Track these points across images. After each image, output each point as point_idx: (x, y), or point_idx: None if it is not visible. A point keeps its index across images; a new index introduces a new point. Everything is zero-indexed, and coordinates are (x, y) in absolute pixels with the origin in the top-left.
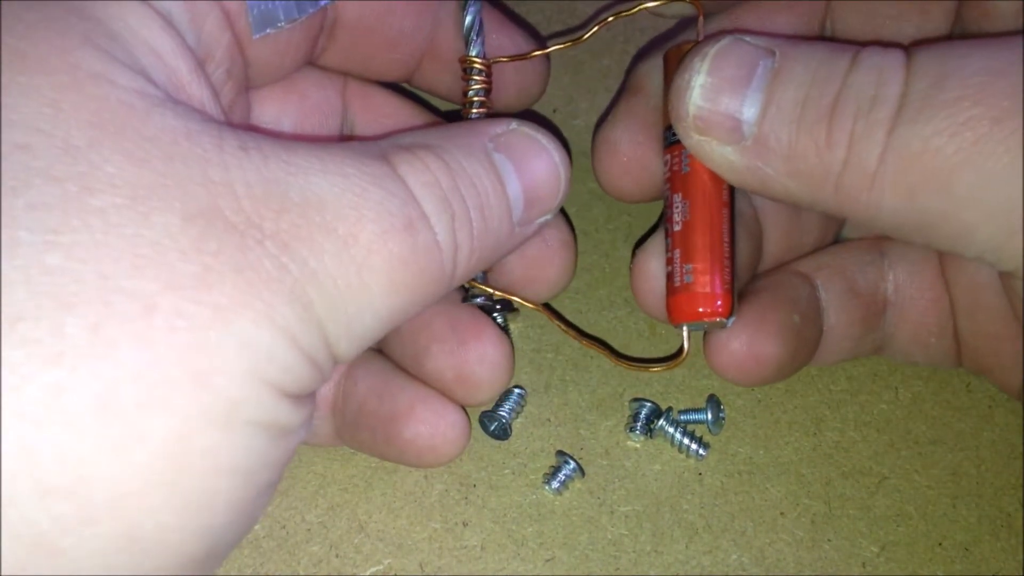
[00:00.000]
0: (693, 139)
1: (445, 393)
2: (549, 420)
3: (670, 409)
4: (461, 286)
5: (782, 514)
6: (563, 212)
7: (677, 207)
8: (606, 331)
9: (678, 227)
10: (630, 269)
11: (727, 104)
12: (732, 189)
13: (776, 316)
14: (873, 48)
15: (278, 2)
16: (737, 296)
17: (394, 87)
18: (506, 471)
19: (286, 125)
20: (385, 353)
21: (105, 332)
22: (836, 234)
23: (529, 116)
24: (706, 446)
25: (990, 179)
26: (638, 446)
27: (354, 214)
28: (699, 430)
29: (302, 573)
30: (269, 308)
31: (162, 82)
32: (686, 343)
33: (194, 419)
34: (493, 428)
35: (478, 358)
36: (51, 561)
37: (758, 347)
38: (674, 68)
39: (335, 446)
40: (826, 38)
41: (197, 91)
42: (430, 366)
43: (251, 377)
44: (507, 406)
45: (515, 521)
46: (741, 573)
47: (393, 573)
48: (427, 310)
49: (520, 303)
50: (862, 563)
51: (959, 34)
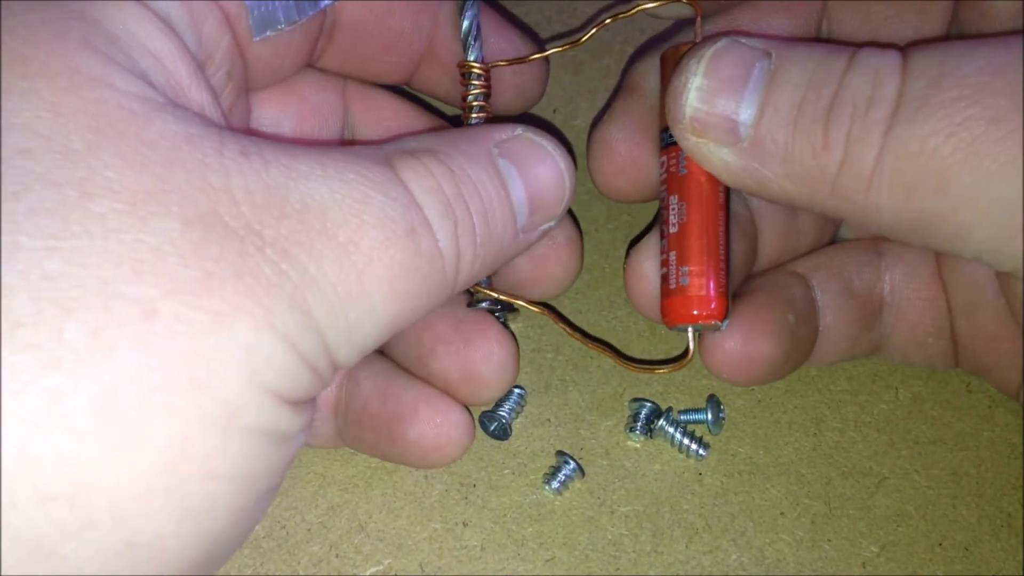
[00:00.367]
0: (690, 141)
1: (450, 393)
2: (549, 420)
3: (670, 409)
4: (466, 290)
5: (782, 514)
6: (568, 210)
7: (673, 209)
8: (606, 331)
9: (674, 229)
10: (624, 269)
11: (724, 106)
12: (728, 191)
13: (771, 316)
14: (869, 49)
15: (278, 3)
16: (732, 298)
17: (395, 90)
18: (506, 471)
19: (286, 127)
20: (388, 354)
21: (105, 337)
22: (833, 235)
23: (529, 118)
24: (706, 446)
25: (988, 179)
26: (638, 446)
27: (355, 220)
28: (699, 430)
29: (302, 573)
30: (269, 314)
31: (162, 85)
32: (692, 345)
33: (194, 424)
34: (493, 428)
35: (484, 357)
36: (51, 566)
37: (752, 347)
38: (671, 69)
39: (337, 447)
40: (823, 39)
41: (197, 94)
42: (435, 366)
43: (251, 383)
44: (507, 406)
45: (515, 521)
46: (741, 573)
47: (393, 573)
48: (432, 312)
49: (524, 306)
50: (862, 563)
51: (956, 35)
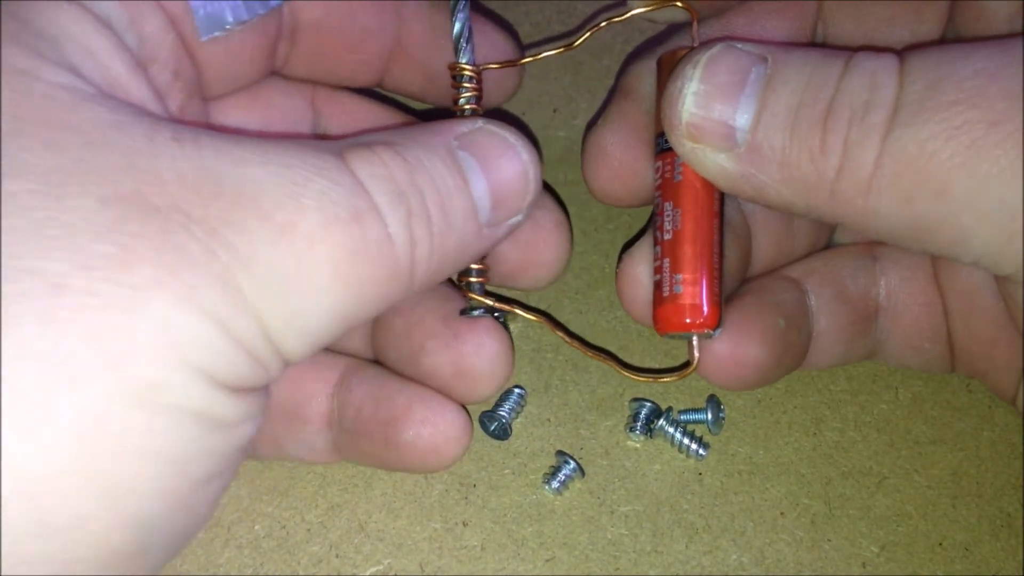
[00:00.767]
0: (686, 147)
1: (445, 392)
2: (549, 420)
3: (670, 409)
4: (461, 295)
5: (782, 514)
6: (554, 194)
7: (668, 215)
8: (606, 331)
9: (668, 236)
10: (616, 274)
11: (720, 111)
12: (723, 198)
13: (760, 320)
14: (866, 53)
15: (225, 4)
16: (724, 305)
17: (370, 93)
18: (506, 471)
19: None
20: (380, 360)
21: (9, 311)
22: (827, 240)
23: (529, 119)
24: (706, 446)
25: (987, 182)
26: (638, 446)
27: (293, 203)
28: (699, 430)
29: (302, 573)
30: (191, 290)
31: (95, 80)
32: (696, 353)
33: (108, 399)
34: (493, 428)
35: (475, 349)
36: None
37: (742, 350)
38: (667, 74)
39: (334, 462)
40: (818, 44)
41: (137, 91)
42: (427, 363)
43: (171, 359)
44: (507, 406)
45: (515, 521)
46: (741, 573)
47: (393, 573)
48: (419, 309)
49: (522, 315)
50: (862, 563)
51: (952, 38)
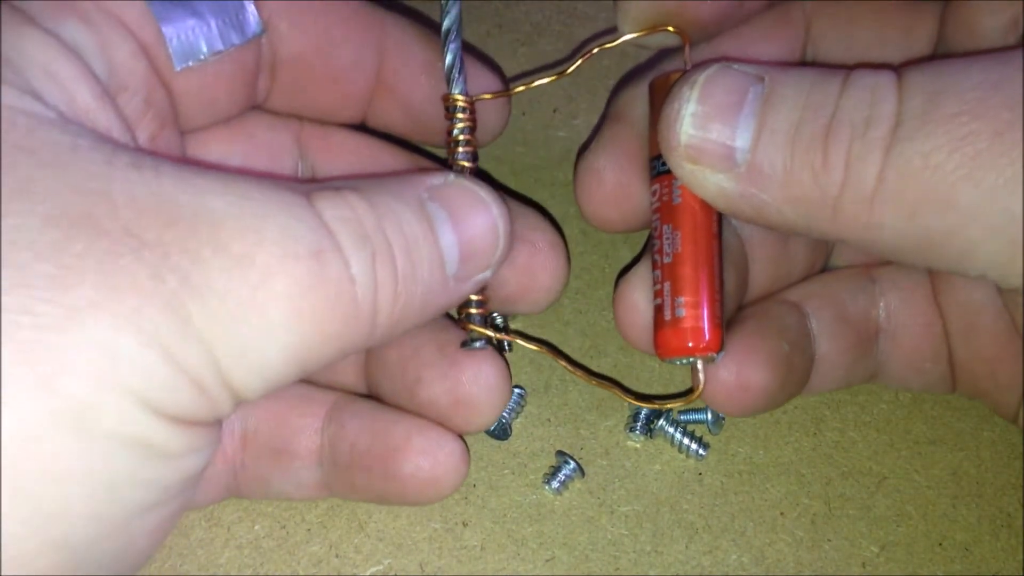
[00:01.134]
0: (685, 169)
1: (442, 423)
2: (549, 420)
3: (670, 409)
4: (460, 327)
5: (782, 514)
6: (547, 214)
7: (667, 238)
8: (606, 331)
9: (668, 259)
10: (613, 300)
11: (719, 132)
12: (721, 220)
13: (765, 345)
14: (864, 69)
15: (200, 33)
16: (725, 329)
17: (362, 129)
18: (506, 471)
19: (233, 165)
20: (374, 394)
21: None
22: (824, 262)
23: (529, 117)
24: (706, 446)
25: (993, 193)
26: (638, 446)
27: (252, 235)
28: (699, 430)
29: (302, 573)
30: (134, 313)
31: (58, 105)
32: (702, 376)
33: (38, 421)
34: (493, 428)
35: (472, 378)
36: None
37: (747, 376)
38: (661, 97)
39: (323, 498)
40: (808, 64)
41: (103, 118)
42: (424, 395)
43: (106, 382)
44: (507, 406)
45: (515, 521)
46: (741, 573)
47: (393, 573)
48: (415, 340)
49: (523, 344)
50: (862, 563)
51: (943, 54)
